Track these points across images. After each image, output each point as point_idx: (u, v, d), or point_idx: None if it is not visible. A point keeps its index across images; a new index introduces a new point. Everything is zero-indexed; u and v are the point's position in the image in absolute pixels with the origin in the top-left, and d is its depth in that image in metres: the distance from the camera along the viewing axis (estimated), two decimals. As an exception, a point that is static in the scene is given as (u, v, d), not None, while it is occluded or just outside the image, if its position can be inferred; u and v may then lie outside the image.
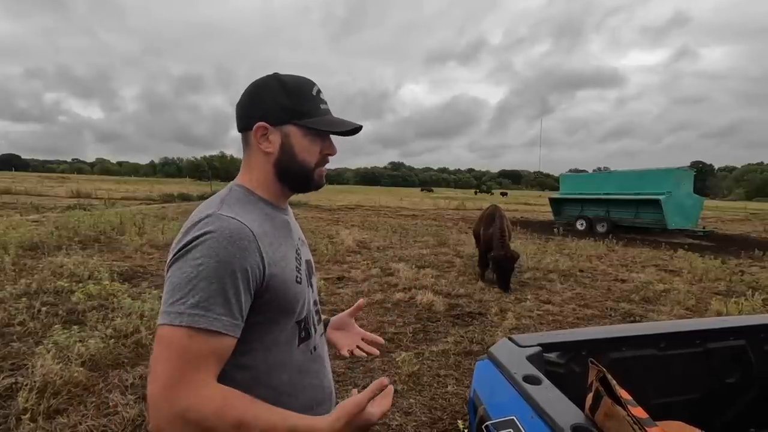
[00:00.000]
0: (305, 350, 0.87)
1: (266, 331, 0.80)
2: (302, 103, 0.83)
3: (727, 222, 22.47)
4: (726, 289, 6.29)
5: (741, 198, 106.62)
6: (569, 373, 0.97)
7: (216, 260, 0.69)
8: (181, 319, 0.67)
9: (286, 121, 0.82)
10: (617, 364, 1.01)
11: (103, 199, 19.07)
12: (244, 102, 0.85)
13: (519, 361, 0.85)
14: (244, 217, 0.77)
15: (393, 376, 3.22)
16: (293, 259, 0.85)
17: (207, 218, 0.75)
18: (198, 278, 0.68)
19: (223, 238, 0.71)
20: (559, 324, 4.53)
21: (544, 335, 0.99)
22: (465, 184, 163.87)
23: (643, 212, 13.91)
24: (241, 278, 0.71)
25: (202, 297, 0.68)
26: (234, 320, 0.71)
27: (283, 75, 0.85)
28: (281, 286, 0.79)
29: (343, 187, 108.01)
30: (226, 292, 0.70)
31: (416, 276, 6.29)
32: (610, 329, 1.08)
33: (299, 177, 0.86)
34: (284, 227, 0.88)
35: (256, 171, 0.86)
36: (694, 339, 1.08)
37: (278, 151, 0.83)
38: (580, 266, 7.77)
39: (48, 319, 3.84)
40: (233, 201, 0.81)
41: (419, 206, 27.18)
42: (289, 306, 0.82)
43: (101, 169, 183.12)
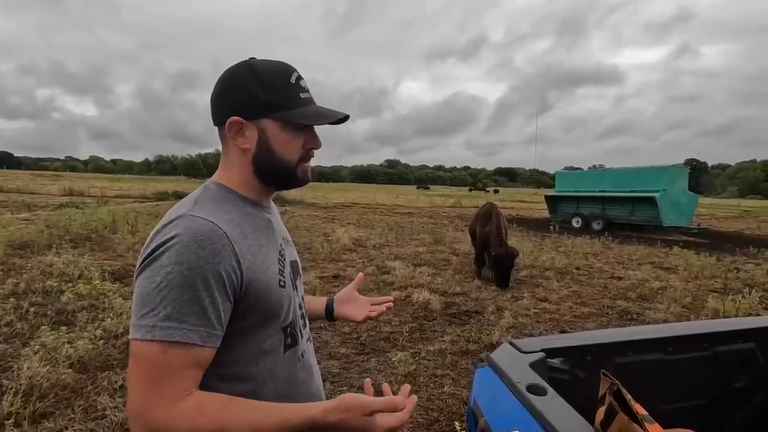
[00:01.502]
0: (292, 357, 0.82)
1: (249, 339, 0.74)
2: (278, 94, 0.75)
3: (721, 219, 22.60)
4: (722, 287, 6.28)
5: (734, 195, 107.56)
6: (574, 380, 0.92)
7: (186, 267, 0.63)
8: (153, 333, 0.62)
9: (261, 115, 0.75)
10: (623, 369, 0.96)
11: (96, 197, 18.87)
12: (217, 94, 0.77)
13: (521, 369, 0.79)
14: (219, 217, 0.71)
15: (389, 377, 3.17)
16: (276, 261, 0.79)
17: (176, 220, 0.69)
18: (168, 287, 0.63)
19: (192, 242, 0.65)
20: (556, 323, 4.50)
21: (547, 339, 0.95)
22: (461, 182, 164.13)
23: (638, 210, 13.95)
24: (216, 284, 0.66)
25: (175, 308, 0.62)
26: (212, 330, 0.66)
27: (258, 61, 0.77)
28: (263, 290, 0.73)
29: (339, 184, 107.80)
30: (201, 300, 0.64)
31: (412, 274, 6.24)
32: (615, 333, 1.03)
33: (281, 174, 0.80)
34: (266, 227, 0.82)
35: (234, 168, 0.80)
36: (702, 342, 1.04)
37: (255, 148, 0.77)
38: (576, 264, 7.75)
39: (36, 319, 3.76)
40: (208, 200, 0.75)
41: (415, 204, 27.14)
42: (273, 311, 0.76)
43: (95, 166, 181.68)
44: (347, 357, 3.49)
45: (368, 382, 0.81)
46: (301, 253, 8.59)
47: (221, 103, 0.77)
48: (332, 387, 2.93)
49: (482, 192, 73.98)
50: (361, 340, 3.83)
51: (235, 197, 0.78)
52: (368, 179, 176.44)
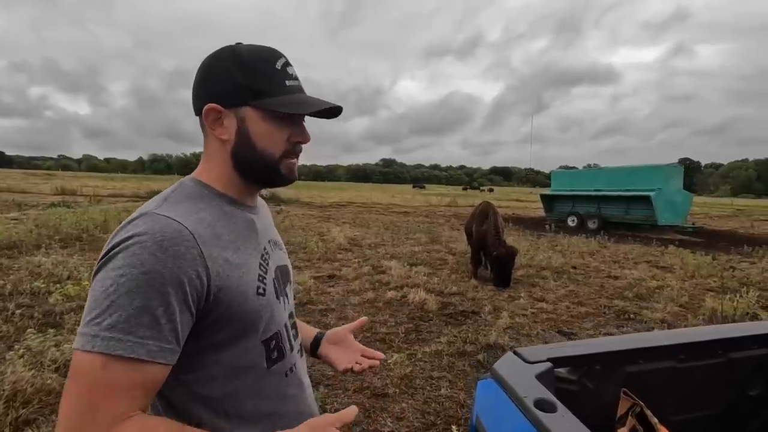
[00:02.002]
0: (279, 373, 0.74)
1: (223, 355, 0.67)
2: (260, 79, 0.68)
3: (714, 218, 22.73)
4: (718, 286, 6.28)
5: (727, 194, 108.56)
6: (582, 391, 0.86)
7: (141, 270, 0.56)
8: (94, 344, 0.54)
9: (240, 103, 0.68)
10: (634, 378, 0.91)
11: (89, 196, 18.66)
12: (197, 80, 0.71)
13: (528, 381, 0.73)
14: (188, 216, 0.64)
15: (385, 379, 3.11)
16: (255, 266, 0.72)
17: (137, 219, 0.61)
18: (118, 293, 0.55)
19: (152, 242, 0.58)
20: (553, 323, 4.46)
21: (553, 348, 0.88)
22: (457, 181, 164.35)
23: (633, 208, 13.97)
24: (175, 292, 0.58)
25: (122, 316, 0.55)
26: (164, 344, 0.58)
27: (242, 46, 0.71)
28: (236, 299, 0.65)
29: (335, 183, 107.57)
30: (154, 309, 0.56)
31: (408, 274, 6.18)
32: (625, 339, 0.97)
33: (262, 170, 0.72)
34: (247, 228, 0.74)
35: (213, 161, 0.73)
36: (715, 349, 0.98)
37: (234, 139, 0.70)
38: (572, 263, 7.72)
39: (22, 322, 3.66)
40: (180, 197, 0.67)
41: (411, 203, 27.09)
42: (249, 323, 0.68)
43: (88, 165, 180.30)
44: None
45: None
46: (295, 252, 8.50)
47: (200, 89, 0.70)
48: (327, 391, 2.87)
49: (477, 191, 74.16)
50: (356, 341, 3.77)
51: (213, 194, 0.71)
52: (364, 178, 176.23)
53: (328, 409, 2.63)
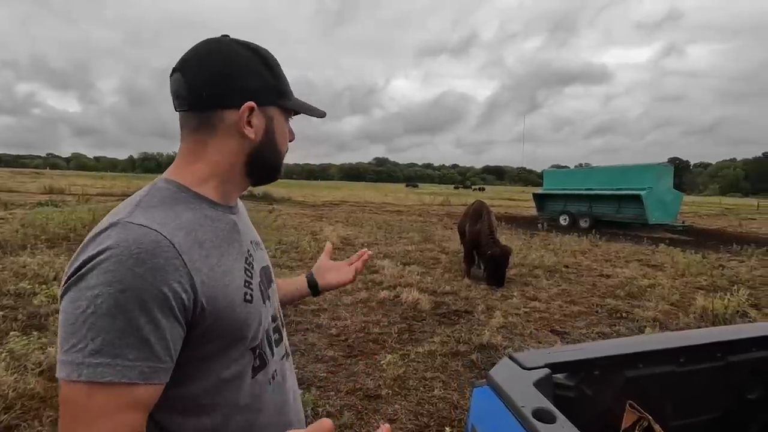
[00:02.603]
0: (262, 381, 0.70)
1: (210, 368, 0.62)
2: (282, 79, 0.71)
3: (703, 217, 23.01)
4: (708, 284, 6.34)
5: (715, 193, 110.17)
6: (580, 398, 0.84)
7: (119, 288, 0.51)
8: (80, 372, 0.50)
9: (271, 102, 0.70)
10: (634, 383, 0.88)
11: (77, 195, 18.38)
12: (219, 74, 0.65)
13: (525, 389, 0.70)
14: (167, 224, 0.59)
15: (378, 380, 3.07)
16: (241, 271, 0.68)
17: (108, 230, 0.56)
18: (96, 315, 0.50)
19: (128, 255, 0.53)
20: (546, 322, 4.46)
21: (551, 352, 0.86)
22: (450, 180, 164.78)
23: (624, 207, 14.09)
24: (160, 307, 0.53)
25: (105, 339, 0.50)
26: (158, 363, 0.54)
27: (247, 43, 0.69)
28: (223, 309, 0.61)
29: (328, 182, 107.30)
30: (140, 328, 0.52)
31: (401, 273, 6.15)
32: (624, 343, 0.95)
33: (272, 167, 0.74)
34: (230, 231, 0.70)
35: (208, 160, 0.68)
36: (714, 352, 0.96)
37: (261, 137, 0.69)
38: (564, 262, 7.75)
39: (6, 324, 3.57)
40: (154, 202, 0.62)
41: (404, 202, 27.08)
42: (237, 333, 0.64)
43: (77, 164, 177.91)
44: (335, 360, 3.38)
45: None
46: (288, 252, 8.43)
47: (228, 84, 0.65)
48: (319, 393, 2.83)
49: (469, 190, 74.56)
50: (348, 342, 3.73)
51: (191, 197, 0.66)
52: (357, 177, 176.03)
53: (319, 412, 2.59)
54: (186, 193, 0.66)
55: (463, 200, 28.82)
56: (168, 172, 0.69)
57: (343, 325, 4.11)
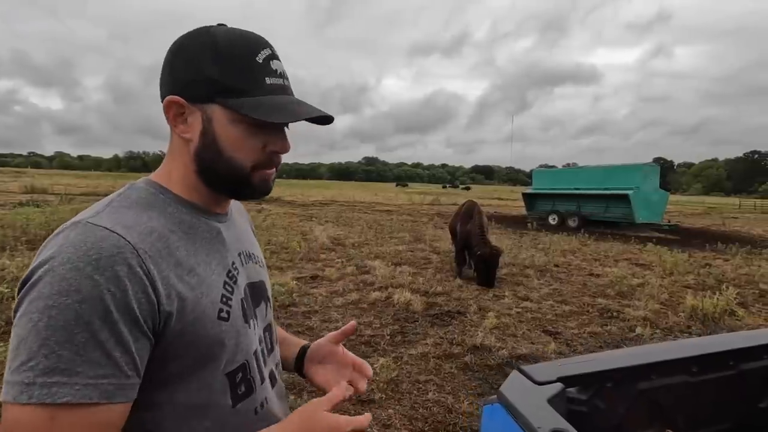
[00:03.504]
0: (246, 410, 0.62)
1: (177, 390, 0.55)
2: (234, 72, 0.57)
3: (688, 216, 23.42)
4: (695, 283, 6.42)
5: (699, 192, 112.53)
6: (593, 412, 0.80)
7: (76, 299, 0.45)
8: (31, 393, 0.43)
9: (207, 99, 0.57)
10: (647, 395, 0.84)
11: (60, 194, 17.95)
12: (165, 63, 0.60)
13: (539, 407, 0.66)
14: (134, 227, 0.53)
15: (370, 384, 3.01)
16: (219, 285, 0.60)
17: (66, 230, 0.50)
18: (51, 329, 0.44)
19: (85, 262, 0.47)
20: (538, 322, 4.45)
21: (562, 365, 0.81)
22: (439, 179, 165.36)
23: (612, 207, 14.25)
24: (123, 319, 0.48)
25: (62, 356, 0.44)
26: (123, 380, 0.48)
27: (221, 29, 0.59)
28: (191, 325, 0.54)
29: (317, 182, 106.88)
30: (102, 342, 0.46)
31: (393, 274, 6.10)
32: (635, 353, 0.91)
33: (229, 179, 0.61)
34: (212, 240, 0.63)
35: (176, 161, 0.62)
36: (727, 360, 0.93)
37: (198, 140, 0.59)
38: (555, 261, 7.79)
39: (-18, 330, 3.43)
40: (126, 203, 0.56)
41: (394, 201, 27.06)
42: (208, 353, 0.57)
43: (60, 163, 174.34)
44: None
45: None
46: (277, 252, 8.33)
47: (164, 76, 0.60)
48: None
49: (456, 189, 75.30)
50: (340, 344, 3.66)
51: (170, 200, 0.60)
52: (346, 176, 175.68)
53: (311, 418, 2.52)
54: (165, 195, 0.60)
55: (452, 200, 28.91)
56: (154, 173, 0.63)
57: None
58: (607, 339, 4.03)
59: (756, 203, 40.63)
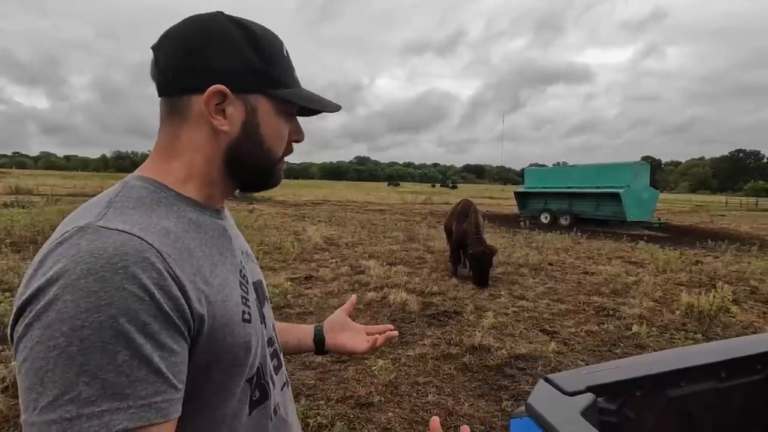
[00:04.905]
0: (262, 417, 0.58)
1: (201, 407, 0.50)
2: (277, 64, 0.57)
3: (677, 214, 23.72)
4: (688, 280, 6.47)
5: (686, 191, 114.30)
6: (623, 422, 0.75)
7: (110, 313, 0.39)
8: (79, 428, 0.37)
9: (255, 89, 0.56)
10: (677, 403, 0.80)
11: (46, 195, 17.58)
12: (184, 49, 0.53)
13: (573, 420, 0.61)
14: (149, 228, 0.47)
15: (369, 387, 2.96)
16: (237, 285, 0.56)
17: (73, 237, 0.43)
18: (87, 351, 0.38)
19: (111, 270, 0.41)
20: (535, 321, 4.43)
21: (588, 372, 0.77)
22: (430, 179, 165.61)
23: (603, 205, 14.36)
24: (162, 325, 0.42)
25: (107, 379, 0.38)
26: (173, 394, 0.43)
27: (240, 19, 0.56)
28: (220, 331, 0.50)
29: (308, 181, 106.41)
30: (148, 357, 0.41)
31: (388, 274, 6.05)
32: (663, 358, 0.87)
33: (259, 171, 0.60)
34: (221, 237, 0.58)
35: (186, 157, 0.56)
36: (754, 364, 0.89)
37: (239, 131, 0.56)
38: (549, 260, 7.80)
39: (-35, 335, 3.31)
40: (129, 203, 0.50)
41: (386, 201, 27.01)
42: (237, 359, 0.52)
43: (46, 163, 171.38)
44: (323, 366, 3.25)
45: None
46: (270, 253, 8.25)
47: (194, 62, 0.53)
48: (308, 402, 2.70)
49: (446, 188, 75.92)
50: (337, 346, 3.60)
51: (173, 198, 0.54)
52: (338, 176, 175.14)
53: (310, 424, 2.46)
54: (166, 193, 0.53)
55: (445, 199, 28.94)
56: (143, 169, 0.56)
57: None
58: (605, 337, 4.02)
59: (742, 201, 41.34)
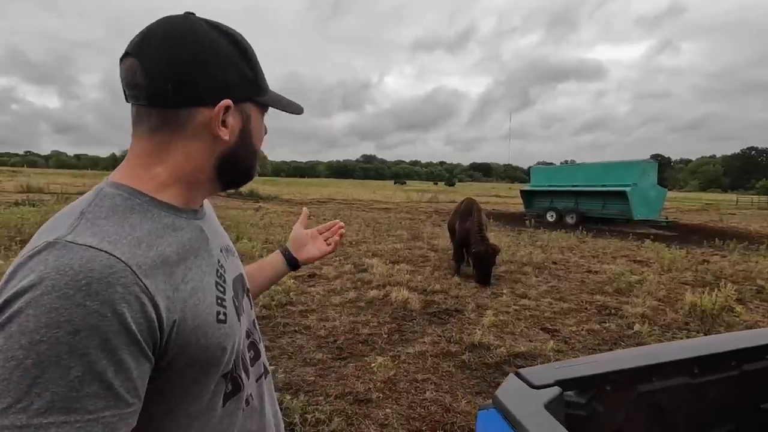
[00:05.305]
0: (235, 409, 0.61)
1: (174, 405, 0.53)
2: (260, 72, 0.62)
3: (685, 212, 23.47)
4: (693, 279, 6.42)
5: (696, 189, 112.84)
6: (592, 416, 0.77)
7: (68, 330, 0.41)
8: None
9: (248, 98, 0.61)
10: (647, 398, 0.82)
11: (56, 194, 17.85)
12: (188, 62, 0.54)
13: (536, 413, 0.63)
14: (120, 240, 0.48)
15: (368, 383, 3.00)
16: (212, 286, 0.58)
17: (43, 253, 0.45)
18: (42, 365, 0.40)
19: (75, 288, 0.42)
20: (536, 320, 4.43)
21: (559, 367, 0.79)
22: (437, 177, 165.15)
23: (610, 203, 14.25)
24: (126, 345, 0.44)
25: (58, 393, 0.40)
26: (124, 408, 0.45)
27: (217, 24, 0.58)
28: (193, 335, 0.52)
29: (315, 180, 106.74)
30: (101, 373, 0.42)
31: (390, 272, 6.08)
32: (636, 354, 0.89)
33: (245, 170, 0.65)
34: (197, 239, 0.60)
35: (177, 162, 0.57)
36: (729, 361, 0.91)
37: (236, 138, 0.60)
38: (553, 258, 7.78)
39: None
40: (101, 212, 0.51)
41: (392, 199, 27.03)
42: (211, 360, 0.55)
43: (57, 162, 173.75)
44: (323, 363, 3.29)
45: None
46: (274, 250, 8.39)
47: (198, 76, 0.54)
48: (307, 398, 2.73)
49: (448, 186, 76.22)
50: (337, 343, 3.64)
51: (147, 204, 0.55)
52: (344, 174, 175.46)
53: (308, 419, 2.50)
54: (140, 199, 0.55)
55: (450, 197, 28.88)
56: (118, 175, 0.57)
57: (331, 326, 4.02)
58: (606, 336, 4.02)
59: (753, 199, 40.74)
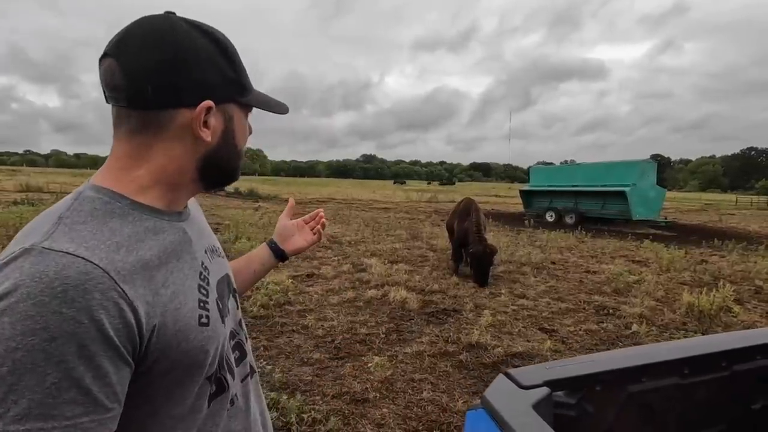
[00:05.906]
0: (219, 409, 0.61)
1: (161, 404, 0.53)
2: (243, 72, 0.62)
3: (685, 212, 23.48)
4: (691, 279, 6.43)
5: (695, 189, 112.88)
6: (581, 416, 0.77)
7: (44, 338, 0.41)
8: None
9: (230, 99, 0.60)
10: (637, 399, 0.83)
11: (56, 193, 17.84)
12: (167, 64, 0.53)
13: (524, 413, 0.63)
14: (98, 245, 0.48)
15: (365, 383, 3.00)
16: (194, 290, 0.57)
17: (19, 258, 0.44)
18: (18, 372, 0.40)
19: (51, 296, 0.42)
20: (534, 320, 4.44)
21: (549, 368, 0.79)
22: (437, 177, 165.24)
23: (609, 204, 14.26)
24: (104, 350, 0.44)
25: (34, 400, 0.40)
26: (103, 414, 0.45)
27: (199, 24, 0.58)
28: (174, 338, 0.52)
29: (315, 180, 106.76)
30: (79, 379, 0.42)
31: (389, 272, 6.08)
32: (626, 355, 0.89)
33: (228, 171, 0.64)
34: (180, 242, 0.59)
35: (159, 164, 0.57)
36: (719, 361, 0.91)
37: (219, 140, 0.59)
38: (551, 258, 7.78)
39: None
40: (80, 217, 0.50)
41: (392, 199, 27.04)
42: (194, 363, 0.55)
43: (56, 161, 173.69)
44: (320, 363, 3.30)
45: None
46: (273, 251, 8.34)
47: (178, 78, 0.54)
48: (304, 398, 2.74)
49: (446, 186, 76.45)
50: (335, 343, 3.65)
51: (127, 207, 0.54)
52: (344, 174, 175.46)
53: (305, 419, 2.51)
54: (121, 202, 0.54)
55: (450, 197, 28.88)
56: (99, 178, 0.57)
57: (329, 326, 4.02)
58: (603, 336, 4.03)
59: (752, 200, 40.77)
